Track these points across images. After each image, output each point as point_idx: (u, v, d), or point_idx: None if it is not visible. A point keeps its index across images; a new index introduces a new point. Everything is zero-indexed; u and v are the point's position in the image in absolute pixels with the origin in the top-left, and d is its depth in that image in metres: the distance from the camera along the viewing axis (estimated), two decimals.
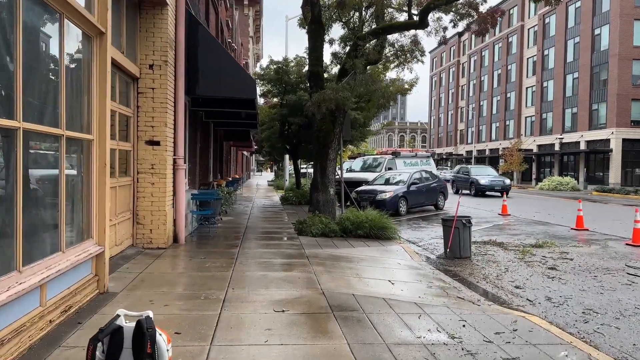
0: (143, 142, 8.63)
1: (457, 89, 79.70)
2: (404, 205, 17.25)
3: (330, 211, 11.67)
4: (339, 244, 10.01)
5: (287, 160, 31.85)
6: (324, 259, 8.26)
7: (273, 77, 18.08)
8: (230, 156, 27.95)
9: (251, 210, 16.67)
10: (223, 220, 13.39)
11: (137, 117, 8.61)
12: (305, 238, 10.49)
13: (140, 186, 8.63)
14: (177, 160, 9.29)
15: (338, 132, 11.64)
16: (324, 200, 11.62)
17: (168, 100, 8.76)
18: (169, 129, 8.86)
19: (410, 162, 23.27)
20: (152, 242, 8.68)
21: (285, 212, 16.53)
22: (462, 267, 8.82)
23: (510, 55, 63.58)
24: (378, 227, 10.87)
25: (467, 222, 9.45)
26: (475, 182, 29.30)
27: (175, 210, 9.32)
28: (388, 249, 9.76)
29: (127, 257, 7.79)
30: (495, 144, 65.96)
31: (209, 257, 8.09)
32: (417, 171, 19.05)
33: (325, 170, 11.60)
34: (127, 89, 8.47)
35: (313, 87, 11.64)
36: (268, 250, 8.91)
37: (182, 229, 9.35)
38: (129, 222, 8.46)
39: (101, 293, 5.75)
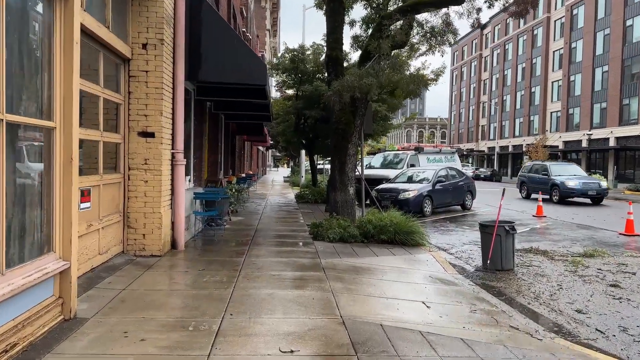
0: (135, 134, 7.48)
1: (478, 84, 77.53)
2: (429, 205, 15.90)
3: (349, 213, 10.43)
4: (360, 251, 8.75)
5: (303, 155, 30.64)
6: (343, 272, 7.01)
7: (288, 66, 16.84)
8: (243, 151, 26.84)
9: (264, 210, 15.50)
10: (232, 220, 12.23)
11: (128, 104, 7.46)
12: (322, 244, 9.26)
13: (131, 184, 7.49)
14: (175, 155, 8.13)
15: (359, 125, 10.38)
16: (343, 200, 10.38)
17: (164, 86, 7.58)
18: (166, 118, 7.69)
19: (434, 158, 21.87)
20: (145, 249, 7.54)
21: (300, 211, 15.33)
22: (506, 282, 7.50)
23: (536, 49, 61.36)
24: (404, 231, 9.59)
25: (510, 228, 8.11)
26: (560, 185, 22.13)
27: (173, 211, 8.16)
28: (416, 258, 8.48)
29: (113, 268, 6.64)
30: (518, 140, 63.86)
31: (209, 267, 6.91)
32: (442, 168, 17.67)
33: (344, 166, 10.35)
34: (117, 72, 7.31)
35: (331, 74, 10.39)
36: (278, 259, 7.70)
37: (181, 233, 8.20)
38: (118, 226, 7.33)
39: (66, 320, 4.60)
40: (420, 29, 10.23)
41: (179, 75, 8.12)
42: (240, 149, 23.72)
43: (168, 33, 7.74)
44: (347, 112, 10.29)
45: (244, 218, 13.00)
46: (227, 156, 17.25)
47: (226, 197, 10.58)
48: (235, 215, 13.43)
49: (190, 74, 8.63)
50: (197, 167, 11.22)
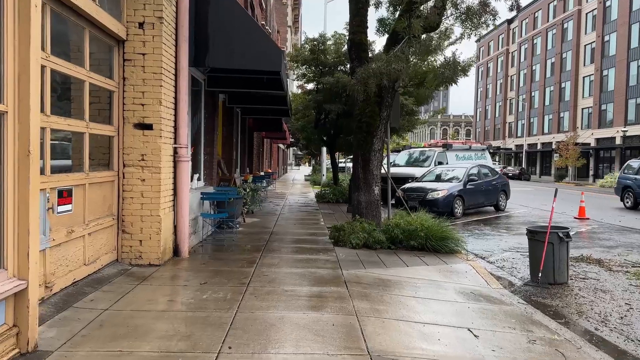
0: (130, 126, 6.55)
1: (505, 80, 75.31)
2: (460, 205, 14.70)
3: (374, 215, 9.35)
4: (387, 260, 7.68)
5: (324, 153, 29.58)
6: (369, 287, 5.96)
7: (308, 57, 15.81)
8: (262, 149, 25.95)
9: (281, 210, 14.52)
10: (246, 222, 11.28)
11: (122, 92, 6.53)
12: (344, 250, 8.22)
13: (127, 183, 6.56)
14: (178, 150, 7.18)
15: (385, 117, 9.29)
16: (367, 201, 9.31)
17: (164, 71, 6.63)
18: (166, 108, 6.74)
19: (463, 155, 20.59)
20: (142, 258, 6.60)
21: (321, 212, 14.30)
22: (562, 299, 6.34)
23: (566, 43, 59.09)
24: (436, 237, 8.48)
25: (564, 235, 6.94)
26: None
27: (176, 214, 7.22)
28: (453, 269, 7.37)
29: (101, 280, 5.72)
30: (547, 138, 61.66)
31: (212, 280, 5.93)
32: (474, 166, 16.43)
33: (369, 164, 9.28)
34: (109, 54, 6.39)
35: (354, 61, 9.32)
36: (293, 269, 6.68)
37: (184, 239, 7.25)
38: (111, 231, 6.41)
39: (23, 354, 3.66)
40: (454, 9, 9.08)
41: (183, 59, 7.17)
42: (258, 146, 22.81)
43: (169, 11, 6.78)
44: (372, 103, 9.21)
45: (259, 219, 12.04)
46: (243, 153, 16.34)
47: (238, 197, 9.62)
48: (251, 216, 12.48)
49: (197, 59, 7.67)
50: (208, 165, 10.30)
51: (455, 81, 8.20)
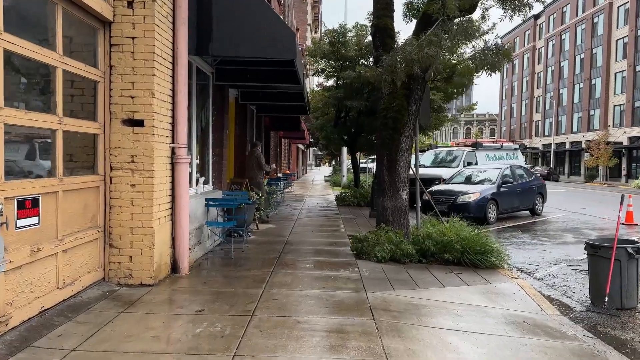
0: (118, 122, 5.60)
1: (532, 77, 73.08)
2: (494, 210, 13.47)
3: (401, 223, 8.26)
4: (419, 277, 6.59)
5: (344, 153, 28.51)
6: (400, 316, 4.89)
7: (327, 50, 14.75)
8: (280, 149, 25.00)
9: (299, 215, 13.52)
10: (259, 229, 10.30)
11: (109, 82, 5.60)
12: (367, 264, 7.16)
13: (114, 189, 5.62)
14: (177, 150, 6.22)
15: (414, 112, 8.19)
16: (393, 207, 8.22)
17: (157, 57, 5.68)
18: (160, 101, 5.78)
19: (493, 155, 19.27)
20: (132, 276, 5.66)
21: (341, 217, 13.25)
22: (636, 331, 5.17)
23: (596, 37, 56.81)
24: (475, 249, 7.35)
25: (635, 251, 5.76)
26: None
27: (174, 224, 6.26)
28: (498, 289, 6.24)
29: (79, 306, 4.78)
30: (577, 136, 59.44)
31: (211, 306, 4.95)
32: (507, 166, 15.15)
33: (395, 165, 8.20)
34: (93, 38, 5.46)
35: (379, 48, 8.25)
36: (309, 291, 5.64)
37: (184, 252, 6.28)
38: (96, 246, 5.48)
39: None
40: None
41: (181, 45, 6.20)
42: (275, 146, 21.88)
43: None
44: (400, 97, 8.12)
45: (274, 226, 11.05)
46: None
47: (250, 202, 8.63)
48: (265, 222, 11.50)
49: (199, 46, 6.70)
50: (217, 167, 9.35)
51: (498, 67, 7.07)
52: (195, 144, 8.10)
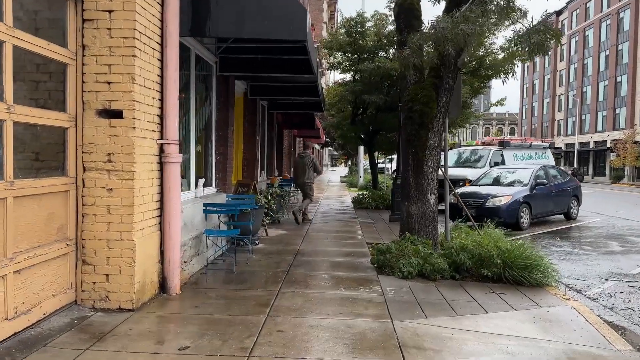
0: (92, 113, 4.65)
1: (554, 75, 71.03)
2: (527, 214, 12.28)
3: (429, 232, 7.20)
4: (454, 298, 5.52)
5: (361, 153, 27.45)
6: (437, 356, 3.84)
7: (344, 41, 13.69)
8: (294, 148, 24.02)
9: (313, 218, 12.50)
10: (269, 236, 9.30)
11: (81, 65, 4.64)
12: (391, 281, 6.11)
13: (88, 194, 4.67)
14: (166, 148, 5.24)
15: (444, 104, 7.12)
16: (420, 213, 7.16)
17: (139, 35, 4.71)
18: (143, 88, 4.82)
19: (522, 155, 18.01)
20: (109, 299, 4.69)
21: (358, 221, 12.20)
22: None
23: (622, 33, 54.75)
24: (518, 264, 6.25)
25: None
26: None
27: (163, 234, 5.28)
28: (551, 315, 5.13)
29: (34, 341, 3.83)
30: (601, 136, 57.43)
31: (200, 341, 3.95)
32: (540, 167, 13.92)
33: (422, 165, 7.14)
34: (61, 12, 4.52)
35: (404, 31, 7.18)
36: (322, 319, 4.61)
37: (174, 268, 5.30)
38: (65, 262, 4.53)
39: None
40: None
41: (171, 24, 5.23)
42: (289, 145, 20.90)
43: None
44: (428, 86, 7.06)
45: (285, 232, 10.04)
46: (270, 153, 14.42)
47: (255, 207, 7.64)
48: (276, 226, 10.51)
49: (195, 26, 5.72)
50: (221, 167, 8.39)
51: (547, 48, 5.96)
52: (195, 141, 7.14)
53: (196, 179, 7.14)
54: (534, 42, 5.77)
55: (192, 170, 7.03)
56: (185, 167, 6.90)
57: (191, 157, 6.98)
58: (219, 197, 7.85)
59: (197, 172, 7.45)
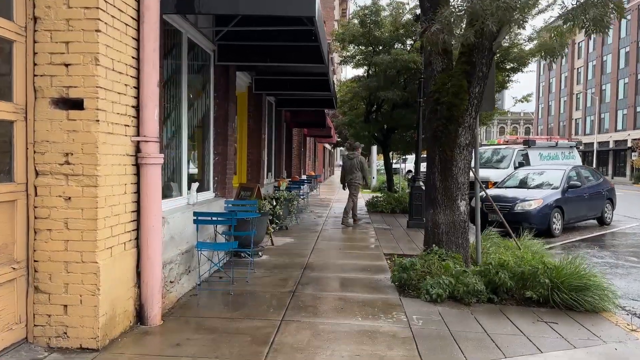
0: (46, 102, 3.71)
1: (571, 73, 69.29)
2: (559, 220, 11.18)
3: (459, 244, 6.17)
4: (497, 331, 4.49)
5: (374, 153, 26.46)
6: None
7: (357, 32, 12.67)
8: (304, 148, 23.05)
9: (324, 224, 11.52)
10: (275, 245, 8.34)
11: (32, 42, 3.71)
12: (417, 306, 5.11)
13: (41, 205, 3.73)
14: (143, 147, 4.29)
15: (477, 95, 6.09)
16: (449, 222, 6.13)
17: (104, 4, 3.75)
18: (110, 72, 3.86)
19: (547, 154, 16.84)
20: (69, 335, 3.75)
21: (374, 227, 11.19)
22: None
23: None
24: (570, 285, 5.21)
25: None
26: None
27: (140, 252, 4.33)
28: (620, 354, 4.09)
29: None
30: (621, 135, 55.68)
31: None
32: (572, 167, 12.78)
33: (451, 166, 6.12)
34: None
35: (429, 10, 6.15)
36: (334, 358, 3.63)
37: (154, 294, 4.34)
38: (11, 290, 3.60)
39: None
40: None
41: None
42: (299, 145, 19.93)
43: None
44: (458, 74, 6.03)
45: (293, 240, 9.07)
46: (278, 153, 13.47)
47: (257, 215, 6.66)
48: (283, 234, 9.54)
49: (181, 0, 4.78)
50: (220, 169, 7.44)
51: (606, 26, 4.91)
52: (188, 139, 6.20)
53: (189, 183, 6.19)
54: (591, 17, 4.72)
55: (184, 172, 6.09)
56: (176, 169, 5.96)
57: (182, 157, 6.05)
58: (216, 203, 6.91)
59: (191, 175, 6.51)
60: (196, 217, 5.38)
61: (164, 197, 5.42)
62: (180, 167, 6.02)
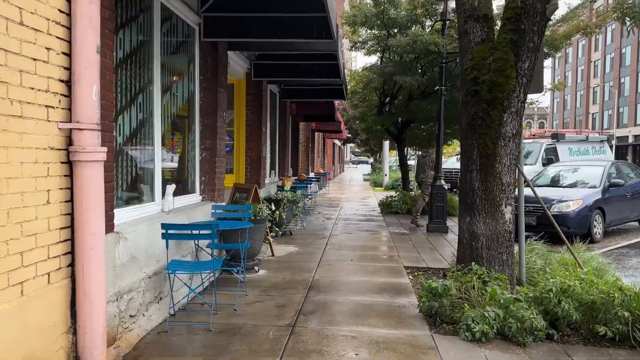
0: None
1: (587, 65, 67.21)
2: (600, 223, 9.83)
3: (503, 260, 4.89)
4: None
5: (386, 149, 25.08)
6: None
7: (370, 13, 11.34)
8: (312, 144, 21.78)
9: (333, 228, 10.26)
10: (275, 256, 7.10)
11: None
12: (456, 350, 3.84)
13: None
14: (75, 137, 3.05)
15: (526, 72, 4.79)
16: (490, 234, 4.86)
17: None
18: (18, 26, 2.62)
19: (577, 149, 15.43)
20: None
21: (389, 231, 9.92)
22: None
23: None
24: None
25: None
26: None
27: (75, 284, 3.10)
28: None
29: None
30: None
31: None
32: (612, 164, 11.40)
33: (494, 162, 4.84)
34: None
35: None
36: None
37: (95, 343, 3.11)
38: None
39: None
40: None
41: None
42: (306, 140, 18.67)
43: None
44: (502, 45, 4.75)
45: (297, 248, 7.83)
46: (282, 150, 12.21)
47: (245, 225, 5.39)
48: (287, 240, 8.30)
49: None
50: (208, 167, 6.22)
51: None
52: (161, 129, 4.99)
53: (164, 185, 4.97)
54: None
55: (157, 172, 4.87)
56: (146, 167, 4.74)
57: (155, 152, 4.83)
58: (201, 209, 5.68)
59: (170, 175, 5.30)
60: (165, 231, 4.13)
61: (127, 204, 4.21)
62: (153, 166, 4.81)
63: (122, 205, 4.14)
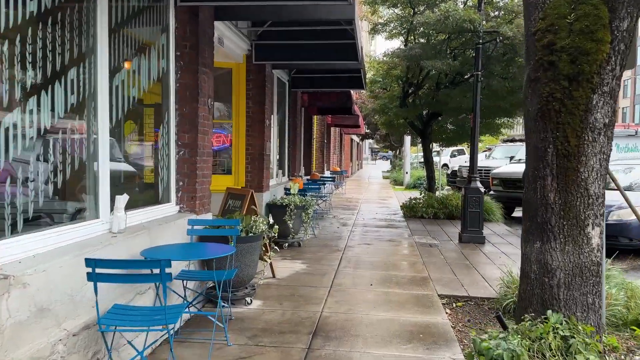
0: None
1: None
2: None
3: (589, 304, 3.45)
4: None
5: (407, 145, 23.51)
6: None
7: None
8: (328, 140, 20.33)
9: (349, 237, 8.84)
10: (276, 277, 5.72)
11: None
12: None
13: None
14: None
15: (624, 35, 3.34)
16: (572, 267, 3.42)
17: None
18: None
19: (625, 145, 13.69)
20: None
21: (415, 240, 8.47)
22: None
23: None
24: None
25: None
26: None
27: None
28: None
29: None
30: None
31: None
32: None
33: (577, 164, 3.41)
34: None
35: None
36: None
37: None
38: None
39: None
40: None
41: None
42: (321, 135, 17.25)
43: None
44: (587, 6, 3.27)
45: (304, 266, 6.43)
46: (292, 146, 10.81)
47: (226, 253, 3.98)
48: (294, 254, 6.92)
49: None
50: (186, 169, 4.85)
51: None
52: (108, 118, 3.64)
53: (112, 196, 3.61)
54: None
55: (102, 178, 3.52)
56: (82, 171, 3.40)
57: (98, 150, 3.47)
58: (173, 225, 4.32)
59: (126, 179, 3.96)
60: (92, 270, 2.75)
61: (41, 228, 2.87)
62: (92, 169, 3.46)
63: (29, 230, 2.80)
